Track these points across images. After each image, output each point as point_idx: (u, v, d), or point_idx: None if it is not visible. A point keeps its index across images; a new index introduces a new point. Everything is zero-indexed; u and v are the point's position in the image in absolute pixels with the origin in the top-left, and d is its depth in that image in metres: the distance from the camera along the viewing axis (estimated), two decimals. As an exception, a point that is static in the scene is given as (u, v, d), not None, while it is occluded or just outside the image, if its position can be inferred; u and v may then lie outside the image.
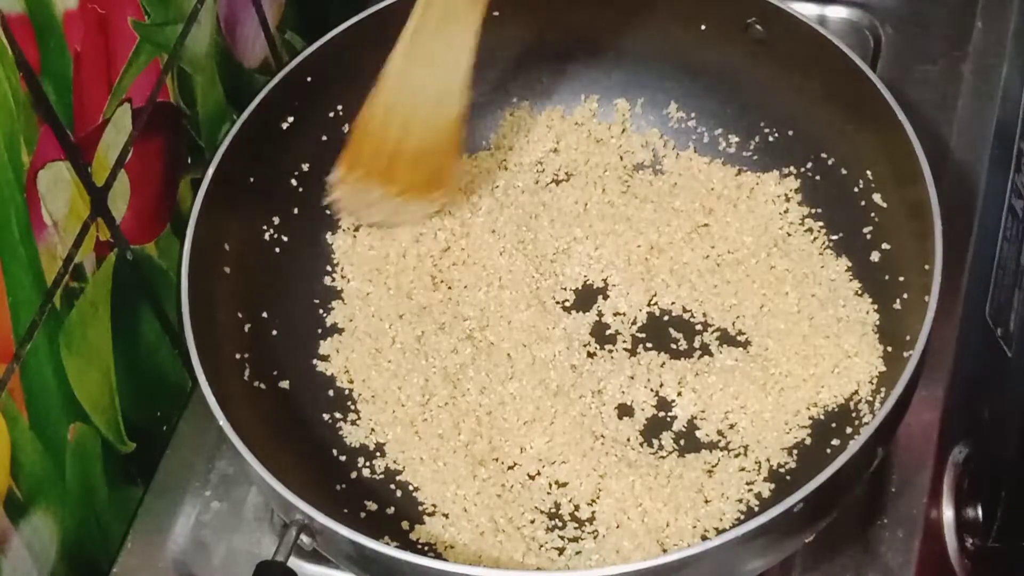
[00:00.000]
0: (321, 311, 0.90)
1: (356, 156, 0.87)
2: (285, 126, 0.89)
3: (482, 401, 0.85)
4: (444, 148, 0.88)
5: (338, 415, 0.86)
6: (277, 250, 0.89)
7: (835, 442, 0.81)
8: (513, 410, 0.84)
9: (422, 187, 0.89)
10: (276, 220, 0.89)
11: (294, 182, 0.90)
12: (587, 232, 0.91)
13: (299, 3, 1.01)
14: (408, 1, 0.85)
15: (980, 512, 0.84)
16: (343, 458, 0.84)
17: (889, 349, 0.82)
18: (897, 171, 0.83)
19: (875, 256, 0.86)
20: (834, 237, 0.89)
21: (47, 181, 0.75)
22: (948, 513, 0.84)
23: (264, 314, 0.87)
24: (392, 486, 0.83)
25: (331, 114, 0.91)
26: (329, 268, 0.91)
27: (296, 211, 0.90)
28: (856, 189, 0.87)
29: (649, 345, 0.88)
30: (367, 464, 0.84)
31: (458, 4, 0.83)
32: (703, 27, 0.91)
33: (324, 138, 0.91)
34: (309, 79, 0.89)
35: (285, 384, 0.85)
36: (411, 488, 0.83)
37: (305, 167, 0.91)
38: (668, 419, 0.84)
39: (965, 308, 0.90)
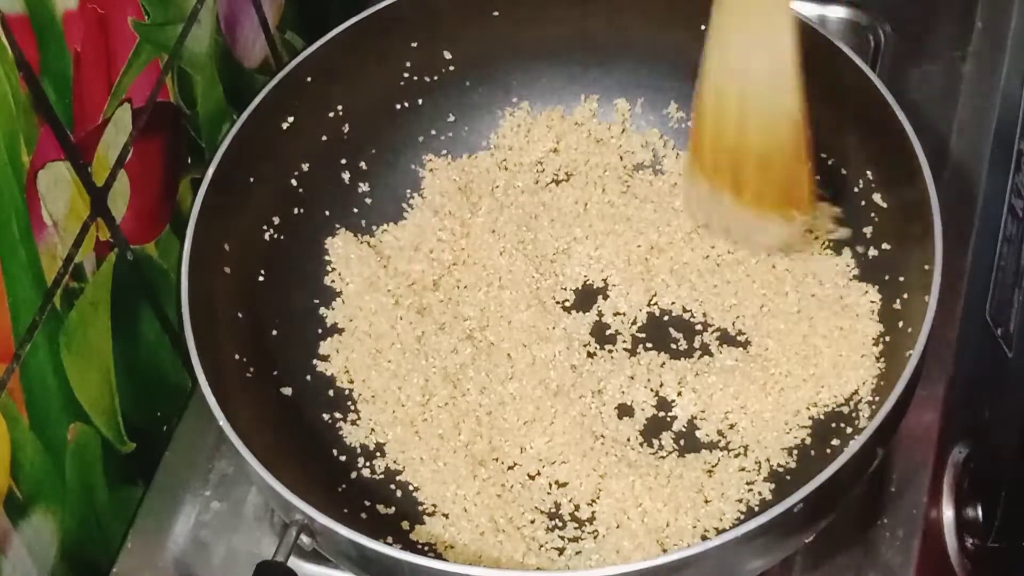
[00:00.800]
0: (321, 311, 0.90)
1: (700, 146, 0.82)
2: (285, 126, 0.89)
3: (482, 401, 0.85)
4: (789, 151, 0.80)
5: (338, 415, 0.86)
6: (277, 250, 0.89)
7: (835, 442, 0.81)
8: (513, 410, 0.84)
9: (773, 198, 0.81)
10: (276, 220, 0.89)
11: (294, 182, 0.90)
12: (587, 232, 0.91)
13: (299, 3, 1.01)
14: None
15: (980, 512, 0.84)
16: (343, 458, 0.84)
17: (889, 349, 0.82)
18: (897, 171, 0.82)
19: (875, 256, 0.86)
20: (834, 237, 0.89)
21: (47, 181, 0.75)
22: (948, 513, 0.84)
23: (264, 314, 0.87)
24: (392, 486, 0.83)
25: (331, 114, 0.91)
26: (329, 268, 0.91)
27: (296, 211, 0.90)
28: (856, 189, 0.87)
29: (649, 345, 0.87)
30: (367, 464, 0.84)
31: None
32: (703, 27, 0.91)
33: (324, 138, 0.91)
34: (309, 79, 0.89)
35: (285, 385, 0.85)
36: (411, 488, 0.82)
37: (305, 167, 0.91)
38: (668, 419, 0.84)
39: (965, 308, 0.89)
